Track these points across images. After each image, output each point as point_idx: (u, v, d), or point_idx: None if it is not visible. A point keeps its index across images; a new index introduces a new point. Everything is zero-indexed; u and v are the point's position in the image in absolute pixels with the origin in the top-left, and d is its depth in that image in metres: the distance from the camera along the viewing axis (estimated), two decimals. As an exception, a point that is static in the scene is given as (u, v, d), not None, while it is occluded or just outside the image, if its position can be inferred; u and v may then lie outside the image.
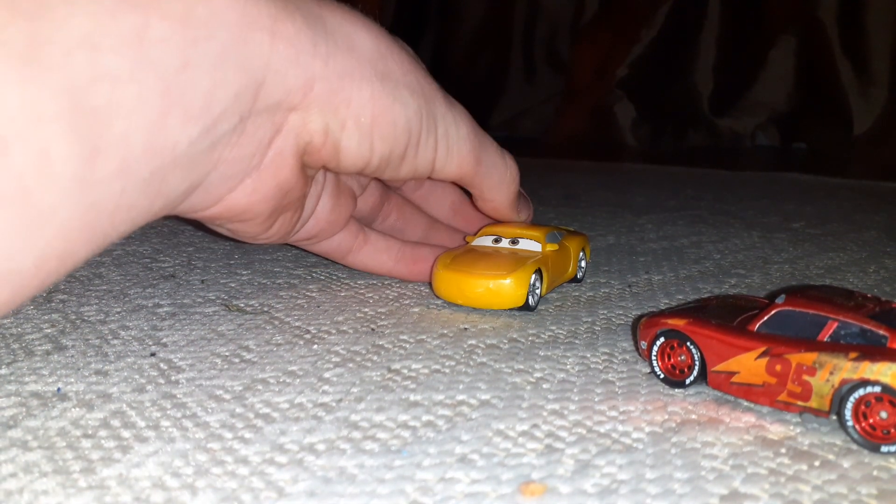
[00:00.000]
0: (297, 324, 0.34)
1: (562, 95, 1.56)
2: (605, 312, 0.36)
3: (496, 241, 0.39)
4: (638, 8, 1.47)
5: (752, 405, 0.25)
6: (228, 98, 0.24)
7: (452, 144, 0.32)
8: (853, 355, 0.23)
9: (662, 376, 0.27)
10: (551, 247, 0.38)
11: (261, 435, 0.23)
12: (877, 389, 0.22)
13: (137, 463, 0.21)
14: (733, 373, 0.25)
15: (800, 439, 0.23)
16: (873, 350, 0.23)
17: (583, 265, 0.42)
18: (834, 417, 0.24)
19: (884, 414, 0.22)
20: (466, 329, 0.33)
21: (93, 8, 0.20)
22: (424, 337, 0.32)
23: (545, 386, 0.27)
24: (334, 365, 0.29)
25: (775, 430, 0.24)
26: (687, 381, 0.27)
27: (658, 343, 0.27)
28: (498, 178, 0.36)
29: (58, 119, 0.19)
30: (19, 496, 0.19)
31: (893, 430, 0.22)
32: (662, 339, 0.27)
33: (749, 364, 0.25)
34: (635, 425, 0.24)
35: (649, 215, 0.65)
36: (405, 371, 0.28)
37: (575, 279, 0.41)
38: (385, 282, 0.41)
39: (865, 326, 0.24)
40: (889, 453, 0.22)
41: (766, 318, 0.26)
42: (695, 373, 0.26)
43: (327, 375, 0.28)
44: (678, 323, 0.27)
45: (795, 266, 0.47)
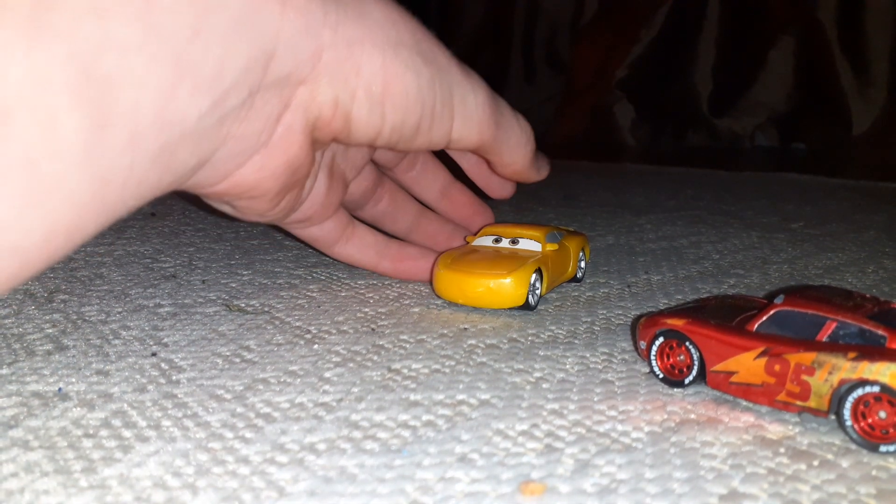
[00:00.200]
0: (298, 324, 0.34)
1: (562, 95, 1.56)
2: (605, 312, 0.36)
3: (496, 241, 0.39)
4: (638, 8, 1.47)
5: (751, 405, 0.26)
6: (239, 70, 0.23)
7: (471, 112, 0.31)
8: (852, 355, 0.23)
9: (661, 376, 0.27)
10: (551, 246, 0.38)
11: (261, 434, 0.23)
12: (875, 389, 0.22)
13: (138, 462, 0.21)
14: (732, 372, 0.25)
15: (799, 439, 0.23)
16: (872, 350, 0.23)
17: (582, 265, 0.42)
18: (833, 417, 0.24)
19: (882, 414, 0.22)
20: (466, 329, 0.33)
21: None
22: (424, 337, 0.32)
23: (545, 386, 0.27)
24: (335, 365, 0.29)
25: (774, 430, 0.24)
26: (686, 381, 0.27)
27: (657, 343, 0.27)
28: (516, 141, 0.35)
29: (65, 88, 0.18)
30: (20, 496, 0.19)
31: (892, 430, 0.22)
32: (661, 339, 0.27)
33: (748, 364, 0.25)
34: (634, 425, 0.24)
35: (649, 215, 0.66)
36: (405, 371, 0.28)
37: (575, 279, 0.41)
38: (385, 282, 0.41)
39: (864, 326, 0.24)
40: (887, 453, 0.22)
41: (765, 318, 0.26)
42: (694, 372, 0.26)
43: (328, 375, 0.28)
44: (677, 323, 0.27)
45: (794, 266, 0.47)
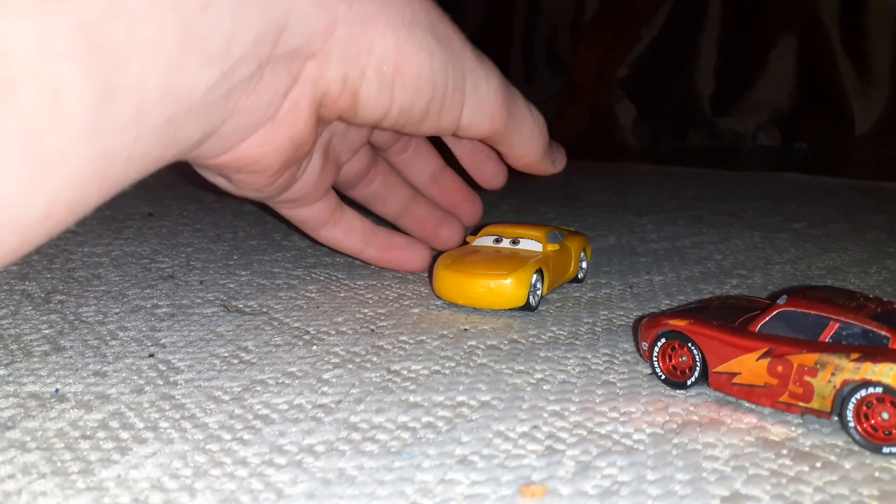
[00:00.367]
0: (297, 325, 0.34)
1: (562, 95, 1.56)
2: (606, 313, 0.36)
3: (497, 241, 0.39)
4: (638, 8, 1.47)
5: (754, 406, 0.25)
6: (248, 42, 0.22)
7: (483, 99, 0.31)
8: (855, 356, 0.23)
9: (663, 377, 0.27)
10: (552, 247, 0.38)
11: (260, 436, 0.23)
12: (878, 390, 0.22)
13: (136, 464, 0.21)
14: (735, 374, 0.25)
15: (801, 440, 0.23)
16: (875, 351, 0.23)
17: (584, 265, 0.42)
18: (835, 418, 0.23)
19: (885, 415, 0.22)
20: (467, 330, 0.33)
21: None
22: (424, 338, 0.32)
23: (546, 387, 0.27)
24: (333, 366, 0.29)
25: (777, 432, 0.24)
26: (688, 382, 0.26)
27: (659, 344, 0.27)
28: (528, 132, 0.34)
29: (71, 57, 0.18)
30: (18, 497, 0.19)
31: (895, 431, 0.22)
32: (664, 340, 0.27)
33: (750, 365, 0.25)
34: (636, 426, 0.24)
35: (650, 216, 0.65)
36: (405, 372, 0.28)
37: (576, 279, 0.41)
38: (385, 282, 0.41)
39: (867, 327, 0.24)
40: (891, 454, 0.22)
41: (768, 319, 0.25)
42: (696, 374, 0.26)
43: (326, 376, 0.27)
44: (679, 324, 0.27)
45: (797, 266, 0.47)
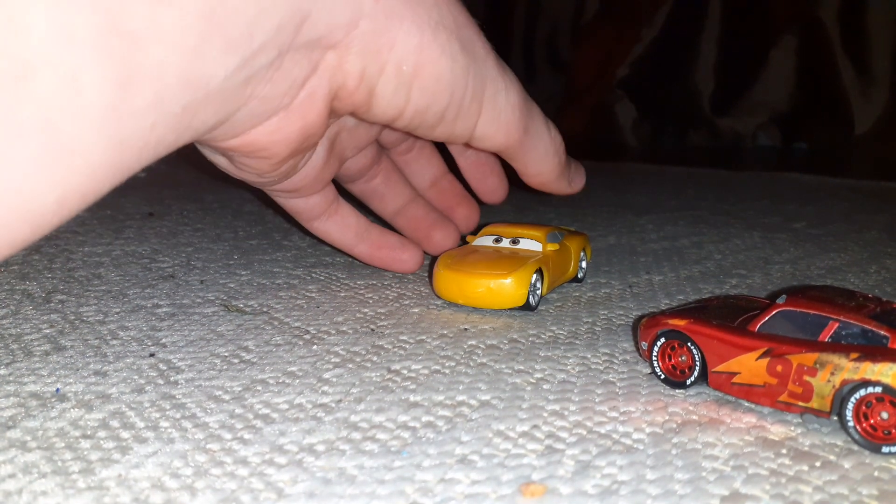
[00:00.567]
0: (297, 324, 0.34)
1: (562, 95, 1.56)
2: (606, 313, 0.36)
3: (497, 241, 0.39)
4: (639, 7, 1.47)
5: (753, 406, 0.25)
6: (271, 29, 0.22)
7: (500, 112, 0.30)
8: (854, 356, 0.23)
9: (663, 377, 0.27)
10: (552, 247, 0.38)
11: (260, 436, 0.23)
12: (878, 390, 0.22)
13: (136, 464, 0.21)
14: (734, 373, 0.25)
15: (801, 440, 0.23)
16: (874, 350, 0.23)
17: (583, 265, 0.42)
18: (835, 418, 0.23)
19: (885, 414, 0.22)
20: (467, 329, 0.33)
21: None
22: (424, 337, 0.32)
23: (545, 387, 0.27)
24: (334, 366, 0.29)
25: (776, 431, 0.24)
26: (688, 382, 0.26)
27: (659, 343, 0.27)
28: (544, 150, 0.34)
29: (90, 42, 0.17)
30: (18, 497, 0.19)
31: (894, 431, 0.22)
32: (663, 340, 0.27)
33: (750, 364, 0.25)
34: (636, 426, 0.24)
35: (650, 215, 0.65)
36: (405, 372, 0.28)
37: (576, 279, 0.41)
38: (385, 282, 0.41)
39: (866, 327, 0.24)
40: (890, 454, 0.22)
41: (767, 319, 0.25)
42: (695, 373, 0.26)
43: (327, 376, 0.28)
44: (679, 323, 0.27)
45: (796, 266, 0.47)
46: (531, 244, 0.38)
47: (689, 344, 0.26)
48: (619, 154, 1.32)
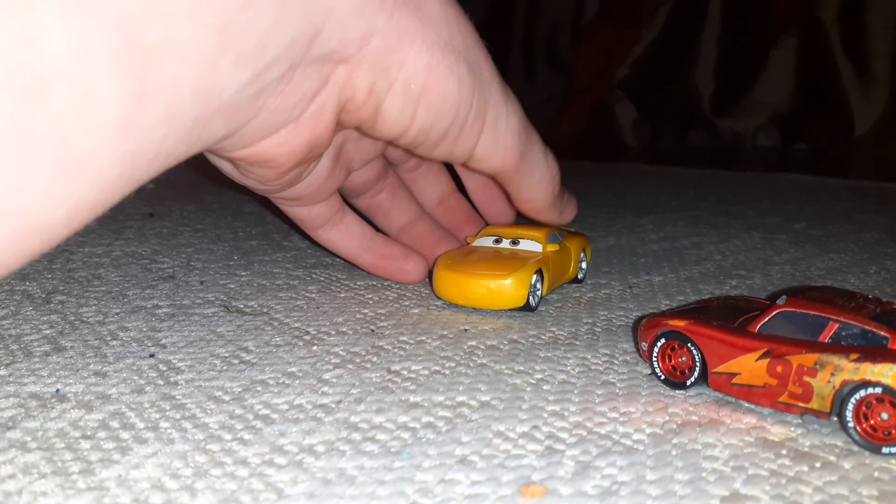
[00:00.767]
0: (297, 325, 0.34)
1: (562, 95, 1.56)
2: (606, 313, 0.36)
3: (497, 242, 0.39)
4: (639, 8, 1.47)
5: (753, 406, 0.25)
6: (284, 43, 0.22)
7: (500, 134, 0.31)
8: (854, 356, 0.23)
9: (663, 377, 0.27)
10: (552, 247, 0.38)
11: (260, 436, 0.23)
12: (878, 391, 0.22)
13: (136, 464, 0.21)
14: (734, 374, 0.25)
15: (801, 441, 0.23)
16: (874, 351, 0.23)
17: (583, 266, 0.42)
18: (835, 419, 0.23)
19: (885, 415, 0.22)
20: (467, 330, 0.33)
21: None
22: (424, 338, 0.32)
23: (545, 387, 0.27)
24: (334, 366, 0.29)
25: (776, 432, 0.24)
26: (688, 383, 0.26)
27: (659, 344, 0.27)
28: (539, 178, 0.34)
29: (106, 58, 0.17)
30: (18, 497, 0.19)
31: (894, 432, 0.22)
32: (663, 341, 0.27)
33: (750, 365, 0.25)
34: (636, 427, 0.24)
35: (650, 216, 0.65)
36: (405, 372, 0.28)
37: (576, 280, 0.41)
38: (385, 283, 0.41)
39: (866, 327, 0.24)
40: (890, 454, 0.22)
41: (767, 320, 0.25)
42: (696, 374, 0.26)
43: (327, 377, 0.28)
44: (679, 324, 0.27)
45: (796, 267, 0.47)
46: (531, 245, 0.38)
47: (689, 345, 0.26)
48: (619, 154, 1.32)
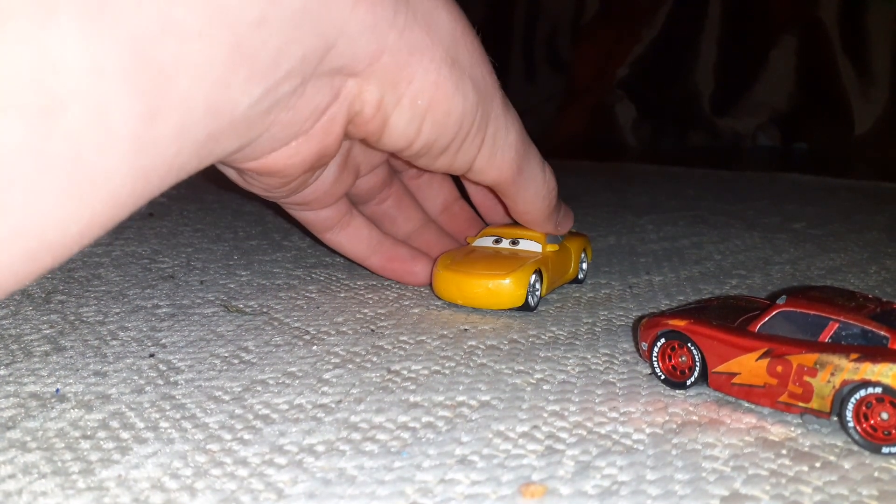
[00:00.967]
0: (297, 325, 0.34)
1: (562, 95, 1.56)
2: (606, 313, 0.36)
3: (496, 242, 0.39)
4: (639, 7, 1.47)
5: (753, 406, 0.25)
6: (296, 59, 0.22)
7: (498, 148, 0.31)
8: (854, 356, 0.23)
9: (663, 377, 0.27)
10: (551, 247, 0.38)
11: (260, 436, 0.23)
12: (878, 390, 0.22)
13: (136, 464, 0.21)
14: (734, 374, 0.25)
15: (801, 440, 0.23)
16: (874, 351, 0.23)
17: (584, 266, 0.42)
18: (835, 419, 0.23)
19: (885, 415, 0.22)
20: (466, 330, 0.33)
21: None
22: (424, 338, 0.32)
23: (545, 387, 0.27)
24: (334, 366, 0.29)
25: (776, 432, 0.24)
26: (688, 383, 0.27)
27: (659, 344, 0.27)
28: (534, 192, 0.35)
29: (120, 77, 0.17)
30: (18, 497, 0.19)
31: (894, 431, 0.22)
32: (663, 340, 0.27)
33: (750, 365, 0.25)
34: (636, 426, 0.24)
35: (650, 216, 0.65)
36: (405, 372, 0.28)
37: (576, 280, 0.41)
38: (385, 283, 0.41)
39: (866, 327, 0.24)
40: (890, 454, 0.22)
41: (767, 319, 0.25)
42: (696, 374, 0.26)
43: (327, 377, 0.28)
44: (679, 324, 0.27)
45: (796, 267, 0.47)
46: (531, 245, 0.38)
47: (689, 344, 0.26)
48: (619, 154, 1.32)
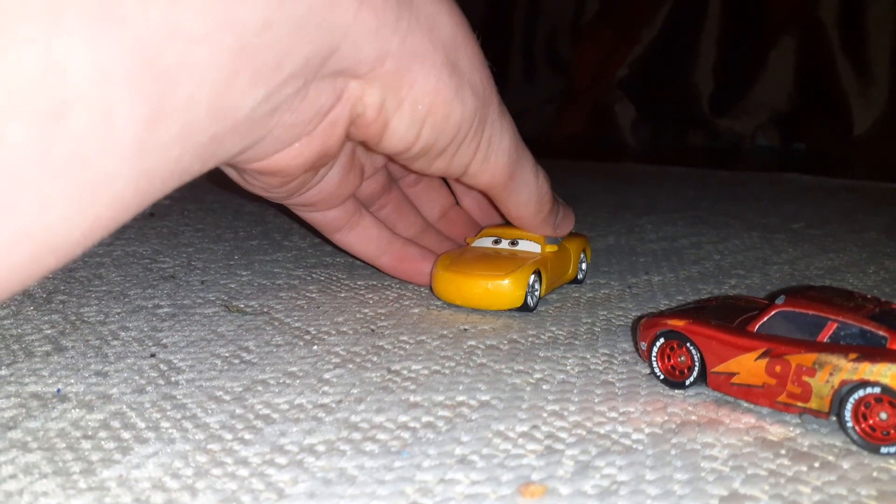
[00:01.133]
0: (297, 325, 0.34)
1: (562, 95, 1.56)
2: (605, 313, 0.36)
3: (496, 242, 0.39)
4: (638, 8, 1.47)
5: (752, 406, 0.25)
6: (299, 62, 0.22)
7: (491, 153, 0.32)
8: (853, 356, 0.23)
9: (662, 377, 0.27)
10: (551, 248, 0.38)
11: (261, 436, 0.23)
12: (876, 390, 0.22)
13: (137, 464, 0.21)
14: (733, 374, 0.25)
15: (799, 440, 0.23)
16: (873, 351, 0.23)
17: (583, 266, 0.42)
18: (834, 418, 0.24)
19: (883, 415, 0.22)
20: (466, 330, 0.33)
21: None
22: (424, 338, 0.32)
23: (545, 387, 0.27)
24: (334, 366, 0.29)
25: (775, 432, 0.24)
26: (687, 382, 0.27)
27: (658, 344, 0.27)
28: (526, 197, 0.35)
29: (125, 80, 0.17)
30: (19, 497, 0.19)
31: (893, 432, 0.22)
32: (662, 340, 0.27)
33: (749, 365, 0.25)
34: (635, 426, 0.24)
35: (649, 216, 0.65)
36: (405, 372, 0.28)
37: (576, 280, 0.41)
38: (385, 283, 0.41)
39: (865, 327, 0.24)
40: (889, 454, 0.22)
41: (766, 319, 0.26)
42: (695, 374, 0.26)
43: (327, 376, 0.28)
44: (678, 324, 0.27)
45: (795, 267, 0.47)
46: (530, 245, 0.38)
47: (689, 344, 0.27)
48: (619, 154, 1.33)
